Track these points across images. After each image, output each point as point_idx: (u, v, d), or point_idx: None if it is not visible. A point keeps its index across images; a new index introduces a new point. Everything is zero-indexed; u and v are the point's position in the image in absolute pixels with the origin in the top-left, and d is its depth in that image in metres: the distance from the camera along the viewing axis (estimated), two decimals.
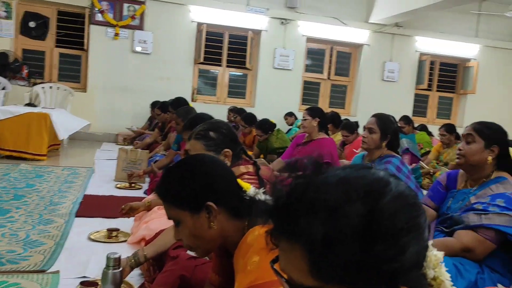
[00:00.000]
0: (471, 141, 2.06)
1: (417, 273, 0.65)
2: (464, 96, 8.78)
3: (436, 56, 8.60)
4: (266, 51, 7.83)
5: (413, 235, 0.61)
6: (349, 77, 8.56)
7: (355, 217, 0.58)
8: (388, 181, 0.63)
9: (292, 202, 0.62)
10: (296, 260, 0.61)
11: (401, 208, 0.61)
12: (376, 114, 2.84)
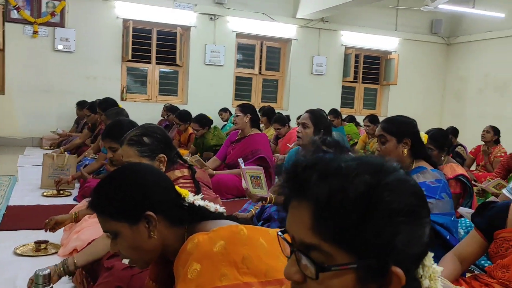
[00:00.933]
0: (384, 141, 2.19)
1: (410, 263, 0.70)
2: (387, 87, 9.27)
3: (360, 50, 8.98)
4: (197, 47, 7.76)
5: (409, 220, 0.66)
6: (279, 71, 8.71)
7: (361, 185, 0.65)
8: (398, 168, 0.71)
9: (311, 167, 0.70)
10: (301, 216, 0.68)
11: (403, 191, 0.68)
12: (309, 109, 2.93)
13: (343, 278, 0.66)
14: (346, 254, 0.65)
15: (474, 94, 8.79)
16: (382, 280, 0.66)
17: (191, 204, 1.24)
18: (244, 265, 1.15)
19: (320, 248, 0.66)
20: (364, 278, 0.66)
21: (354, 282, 0.66)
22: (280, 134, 5.47)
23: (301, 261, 0.68)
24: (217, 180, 3.85)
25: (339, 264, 0.65)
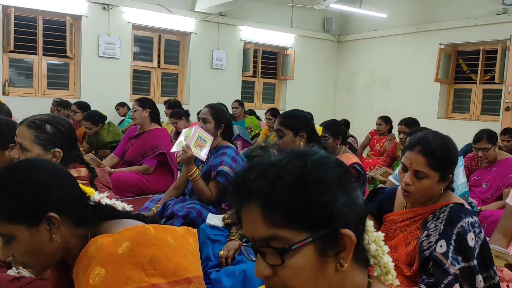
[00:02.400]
0: (282, 135, 2.27)
1: (355, 225, 0.78)
2: (284, 82, 9.59)
3: (258, 45, 9.17)
4: (89, 38, 7.29)
5: (342, 186, 0.76)
6: (179, 65, 8.56)
7: (294, 169, 0.75)
8: (318, 150, 0.82)
9: (249, 171, 0.78)
10: (254, 217, 0.75)
11: (329, 164, 0.78)
12: (209, 104, 2.90)
13: (304, 254, 0.74)
14: (301, 233, 0.73)
15: (362, 89, 9.46)
16: (337, 245, 0.76)
17: (97, 203, 1.16)
18: (152, 266, 1.10)
19: (277, 236, 0.73)
20: (322, 248, 0.75)
21: (315, 254, 0.74)
22: (178, 128, 5.38)
23: (265, 255, 0.75)
24: (115, 178, 3.67)
25: (297, 242, 0.73)
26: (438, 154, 1.67)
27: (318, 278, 0.75)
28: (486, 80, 7.70)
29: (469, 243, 1.58)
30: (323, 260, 0.75)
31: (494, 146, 3.74)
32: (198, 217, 2.54)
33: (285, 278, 0.74)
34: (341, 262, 0.76)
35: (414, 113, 5.34)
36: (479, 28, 7.36)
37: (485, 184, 3.75)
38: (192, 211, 2.53)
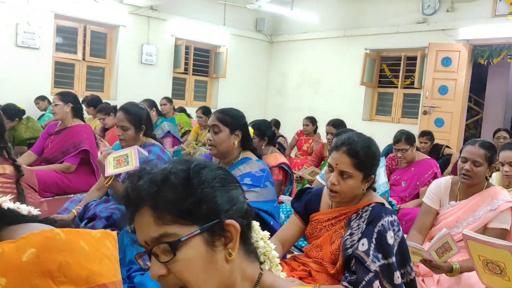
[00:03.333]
0: (218, 131, 2.23)
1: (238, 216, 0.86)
2: (216, 80, 9.54)
3: (190, 42, 9.03)
4: (5, 26, 6.74)
5: (222, 185, 0.86)
6: (106, 59, 8.20)
7: (179, 172, 0.83)
8: (199, 159, 0.90)
9: (138, 179, 0.84)
10: (145, 220, 0.81)
11: (210, 167, 0.87)
12: (123, 107, 2.73)
13: (194, 245, 0.80)
14: (189, 226, 0.80)
15: (293, 89, 9.66)
16: (223, 235, 0.84)
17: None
18: (61, 274, 1.00)
19: (167, 233, 0.79)
20: (210, 239, 0.82)
21: (204, 245, 0.81)
22: (106, 124, 5.15)
23: (158, 254, 0.80)
24: None
25: (186, 235, 0.79)
26: (362, 155, 1.72)
27: (209, 269, 0.82)
28: (406, 85, 8.18)
29: (389, 241, 1.64)
30: (213, 250, 0.82)
31: (412, 147, 3.96)
32: None
33: (178, 273, 0.80)
34: (229, 251, 0.83)
35: (341, 115, 5.54)
36: (401, 36, 7.80)
37: (404, 183, 3.97)
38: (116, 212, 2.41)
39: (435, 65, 7.23)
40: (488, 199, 2.39)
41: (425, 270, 2.29)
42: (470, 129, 9.49)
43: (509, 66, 8.72)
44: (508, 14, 6.52)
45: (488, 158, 2.38)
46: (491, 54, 7.07)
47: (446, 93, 7.22)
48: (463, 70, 7.10)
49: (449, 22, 7.21)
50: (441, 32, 7.29)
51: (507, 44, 6.86)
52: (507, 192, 2.48)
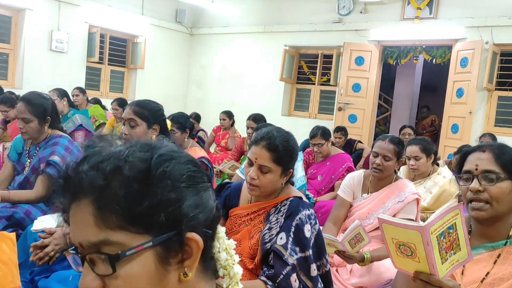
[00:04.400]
0: (134, 124, 2.12)
1: (203, 228, 0.69)
2: (134, 71, 9.19)
3: (106, 30, 8.59)
4: None
5: (192, 184, 0.67)
6: (10, 44, 7.53)
7: (137, 162, 0.64)
8: (166, 143, 0.71)
9: (81, 163, 0.66)
10: (83, 217, 0.63)
11: (178, 160, 0.68)
12: (24, 97, 2.50)
13: (142, 261, 0.63)
14: (139, 236, 0.63)
15: (214, 83, 9.60)
16: (181, 251, 0.66)
17: None
18: None
19: (110, 240, 0.62)
20: (164, 255, 0.64)
21: (155, 262, 0.64)
22: (8, 117, 4.72)
23: (94, 264, 0.63)
24: None
25: (134, 247, 0.62)
26: (281, 149, 1.73)
27: None
28: (323, 82, 8.48)
29: (306, 234, 1.67)
30: (165, 268, 0.65)
31: (328, 142, 4.10)
32: (26, 217, 2.24)
33: None
34: (185, 271, 0.67)
35: (261, 109, 5.60)
36: (318, 34, 8.06)
37: (320, 176, 4.11)
38: (18, 211, 2.21)
39: (349, 63, 7.58)
40: (396, 191, 2.54)
41: (339, 260, 2.38)
42: (380, 125, 10.10)
43: (415, 67, 9.40)
44: (415, 18, 7.00)
45: (397, 153, 2.53)
46: (399, 55, 7.56)
47: (359, 91, 7.60)
48: (374, 69, 7.52)
49: (362, 23, 7.59)
50: (355, 33, 7.65)
51: (414, 46, 7.38)
52: (413, 185, 2.65)
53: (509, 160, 1.39)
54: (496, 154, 1.40)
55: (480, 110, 6.62)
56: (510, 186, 1.37)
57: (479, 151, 1.44)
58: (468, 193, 1.39)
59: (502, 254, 1.38)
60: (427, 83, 10.27)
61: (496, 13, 6.39)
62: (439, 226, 1.13)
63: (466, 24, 6.63)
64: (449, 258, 1.17)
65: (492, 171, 1.38)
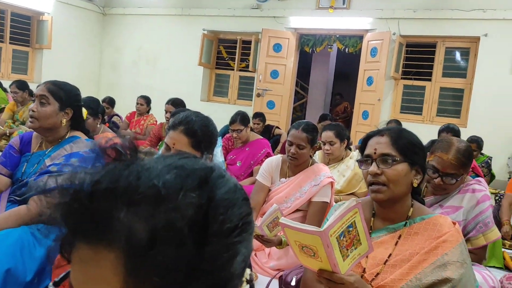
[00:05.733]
0: (45, 102, 1.95)
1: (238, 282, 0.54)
2: (40, 51, 8.51)
3: (6, 5, 7.83)
4: None
5: (245, 236, 0.52)
6: None
7: (190, 208, 0.47)
8: (221, 172, 0.54)
9: (102, 192, 0.46)
10: (103, 271, 0.45)
11: (235, 201, 0.52)
12: None
13: None
14: None
15: (129, 66, 9.20)
16: None
17: None
18: None
19: None
20: None
21: None
22: None
23: None
24: None
25: None
26: (200, 134, 1.69)
27: None
28: (242, 67, 8.50)
29: None
30: None
31: (247, 127, 4.12)
32: None
33: None
34: None
35: (180, 94, 5.46)
36: (237, 19, 8.03)
37: (239, 162, 4.12)
38: None
39: (268, 50, 7.66)
40: (312, 175, 2.61)
41: (258, 244, 2.41)
42: (297, 112, 10.40)
43: (329, 55, 9.75)
44: (329, 8, 7.24)
45: (310, 140, 2.59)
46: (315, 43, 7.79)
47: (277, 77, 7.73)
48: (292, 57, 7.68)
49: (279, 10, 7.69)
50: (273, 19, 7.74)
51: (328, 35, 7.64)
52: (328, 169, 2.75)
53: (405, 144, 1.43)
54: (393, 138, 1.44)
55: (388, 97, 7.06)
56: (406, 169, 1.41)
57: (379, 135, 1.48)
58: (368, 177, 1.43)
59: (403, 235, 1.43)
60: (341, 71, 10.73)
61: (402, 6, 6.81)
62: (338, 227, 1.18)
63: (375, 15, 6.99)
64: (350, 254, 1.23)
65: (388, 154, 1.41)
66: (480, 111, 6.36)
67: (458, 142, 2.12)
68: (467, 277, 1.33)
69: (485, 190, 2.18)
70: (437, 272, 1.31)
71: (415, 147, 1.45)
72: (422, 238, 1.39)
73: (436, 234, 1.37)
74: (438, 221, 1.41)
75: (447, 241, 1.34)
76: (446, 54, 6.87)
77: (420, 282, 1.32)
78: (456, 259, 1.32)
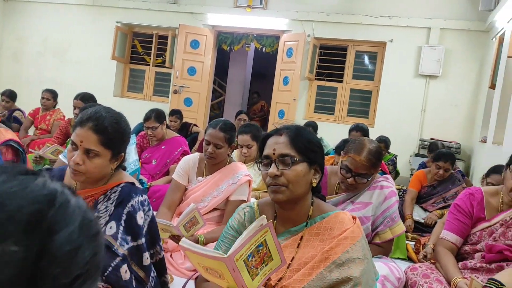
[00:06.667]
0: None
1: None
2: None
3: None
4: None
5: (89, 283, 0.42)
6: None
7: (10, 268, 0.36)
8: (65, 201, 0.41)
9: None
10: None
11: (81, 245, 0.41)
12: None
13: None
14: None
15: (33, 57, 8.52)
16: None
17: None
18: None
19: None
20: None
21: None
22: None
23: None
24: None
25: None
26: (110, 131, 1.58)
27: None
28: (158, 63, 8.26)
29: (139, 222, 1.57)
30: None
31: (162, 125, 4.00)
32: None
33: None
34: None
35: (91, 89, 5.16)
36: (153, 13, 7.79)
37: (155, 161, 3.99)
38: None
39: (185, 46, 7.53)
40: (230, 174, 2.60)
41: (174, 245, 2.34)
42: (215, 109, 10.35)
43: (247, 54, 9.83)
44: (247, 7, 7.29)
45: (228, 139, 2.58)
46: (233, 41, 7.81)
47: (194, 74, 7.62)
48: (209, 54, 7.62)
49: (197, 6, 7.59)
50: (190, 15, 7.61)
51: (246, 34, 7.69)
52: (246, 167, 2.75)
53: (304, 143, 1.40)
54: (291, 137, 1.40)
55: (303, 97, 7.28)
56: (305, 169, 1.39)
57: (277, 135, 1.44)
58: (268, 179, 1.40)
59: (304, 237, 1.42)
60: (258, 70, 10.87)
61: (316, 9, 7.06)
62: (246, 249, 1.12)
63: (291, 17, 7.17)
64: (260, 271, 1.18)
65: (287, 155, 1.38)
66: (386, 112, 6.79)
67: (369, 143, 2.22)
68: (368, 272, 1.35)
69: (391, 186, 2.31)
70: (339, 271, 1.31)
71: (314, 146, 1.44)
72: (323, 237, 1.40)
73: (336, 232, 1.38)
74: (338, 218, 1.42)
75: (348, 237, 1.36)
76: (356, 57, 7.24)
77: (321, 282, 1.32)
78: (357, 255, 1.34)
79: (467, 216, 2.15)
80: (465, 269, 2.06)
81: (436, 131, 6.63)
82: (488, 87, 5.60)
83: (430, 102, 6.66)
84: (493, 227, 2.08)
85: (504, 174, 2.12)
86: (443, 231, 2.21)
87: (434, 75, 6.58)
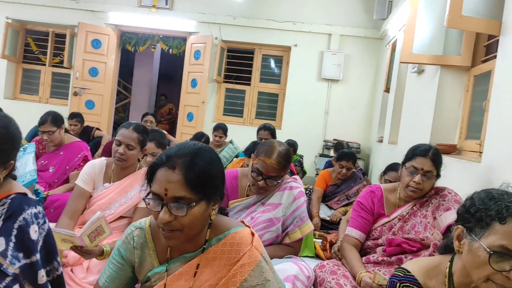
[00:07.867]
0: None
1: None
2: None
3: None
4: None
5: None
6: None
7: None
8: None
9: None
10: None
11: None
12: None
13: None
14: None
15: None
16: None
17: None
18: None
19: None
20: None
21: None
22: None
23: None
24: None
25: None
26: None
27: None
28: (55, 63, 7.70)
29: (32, 236, 1.41)
30: None
31: (60, 129, 3.71)
32: None
33: None
34: None
35: None
36: (49, 9, 7.25)
37: (52, 168, 3.68)
38: None
39: (85, 46, 7.12)
40: (140, 180, 2.47)
41: (75, 258, 2.17)
42: (120, 112, 9.92)
43: (153, 56, 9.57)
44: (152, 7, 7.08)
45: (141, 141, 2.46)
46: (138, 42, 7.54)
47: (96, 76, 7.23)
48: (113, 54, 7.28)
49: (98, 4, 7.21)
50: (91, 13, 7.22)
51: (152, 35, 7.47)
52: None
53: (201, 178, 1.20)
54: (186, 174, 1.19)
55: (212, 100, 7.26)
56: (204, 208, 1.22)
57: (169, 168, 1.20)
58: (158, 221, 1.21)
59: (201, 263, 1.31)
60: (165, 72, 10.64)
61: (223, 12, 7.08)
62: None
63: (198, 19, 7.11)
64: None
65: (183, 198, 1.18)
66: (292, 114, 7.02)
67: (279, 145, 2.24)
68: None
69: (300, 187, 2.36)
70: None
71: (211, 178, 1.24)
72: (220, 263, 1.29)
73: (233, 257, 1.28)
74: (236, 239, 1.31)
75: (245, 264, 1.27)
76: (263, 60, 7.39)
77: None
78: (256, 281, 1.26)
79: (369, 213, 2.27)
80: (369, 263, 2.16)
81: (338, 132, 6.99)
82: (383, 91, 6.03)
83: (333, 105, 7.02)
84: (392, 222, 2.21)
85: (400, 172, 2.27)
86: (348, 228, 2.31)
87: (335, 79, 6.94)
